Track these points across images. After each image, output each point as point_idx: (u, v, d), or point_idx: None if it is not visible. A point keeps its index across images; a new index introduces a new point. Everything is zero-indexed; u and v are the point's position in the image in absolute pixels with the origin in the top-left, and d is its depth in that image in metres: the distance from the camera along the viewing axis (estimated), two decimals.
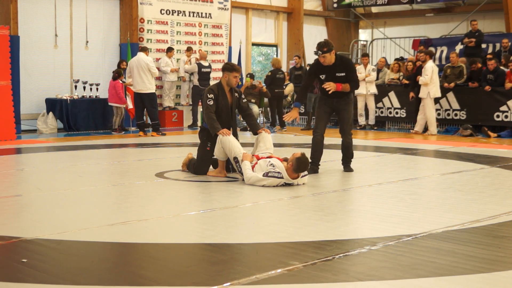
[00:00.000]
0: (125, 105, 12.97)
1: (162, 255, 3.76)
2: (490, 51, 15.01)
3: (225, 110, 6.94)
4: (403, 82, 14.03)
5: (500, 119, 12.87)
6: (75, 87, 13.38)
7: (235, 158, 6.50)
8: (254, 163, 6.35)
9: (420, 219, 4.72)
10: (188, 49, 14.47)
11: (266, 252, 3.82)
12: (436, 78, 12.67)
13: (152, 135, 12.24)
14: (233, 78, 6.92)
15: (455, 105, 13.50)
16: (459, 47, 15.39)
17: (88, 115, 13.38)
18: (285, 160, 6.29)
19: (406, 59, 15.60)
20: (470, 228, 4.47)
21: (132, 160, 8.55)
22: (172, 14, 14.68)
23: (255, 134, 6.95)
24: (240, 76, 10.62)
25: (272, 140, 6.86)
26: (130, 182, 6.48)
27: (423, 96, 12.72)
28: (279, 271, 3.37)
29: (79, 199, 5.57)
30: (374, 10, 20.11)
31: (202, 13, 15.19)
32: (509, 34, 15.55)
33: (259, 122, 12.74)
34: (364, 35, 21.20)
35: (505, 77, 12.76)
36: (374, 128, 14.22)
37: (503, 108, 12.78)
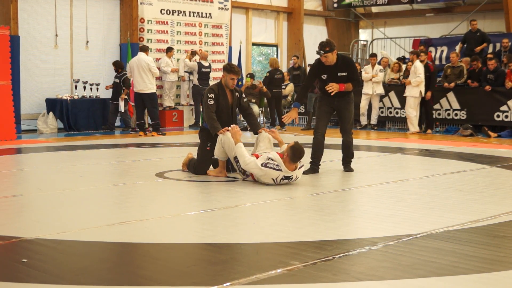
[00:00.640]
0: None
1: (162, 255, 3.76)
2: (490, 51, 15.01)
3: (225, 110, 6.94)
4: (403, 82, 14.02)
5: (500, 119, 12.87)
6: (75, 87, 13.39)
7: (236, 158, 6.50)
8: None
9: (420, 219, 4.72)
10: (193, 53, 14.44)
11: (266, 252, 3.82)
12: (423, 78, 12.87)
13: (153, 135, 12.26)
14: (229, 79, 6.91)
15: (455, 105, 13.50)
16: (459, 47, 15.38)
17: (88, 115, 13.40)
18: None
19: (408, 59, 15.62)
20: (470, 228, 4.47)
21: (132, 160, 8.55)
22: (172, 14, 14.68)
23: (256, 133, 6.95)
24: (240, 77, 10.63)
25: (272, 140, 6.86)
26: (130, 182, 6.48)
27: (415, 95, 12.88)
28: (279, 271, 3.37)
29: (79, 199, 5.57)
30: (374, 10, 20.10)
31: (202, 13, 15.19)
32: (509, 34, 15.54)
33: (259, 122, 12.74)
34: (364, 35, 21.19)
35: (505, 77, 12.76)
36: (375, 128, 14.21)
37: (503, 108, 12.77)
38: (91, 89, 13.56)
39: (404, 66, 14.73)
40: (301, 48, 18.43)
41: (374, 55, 14.49)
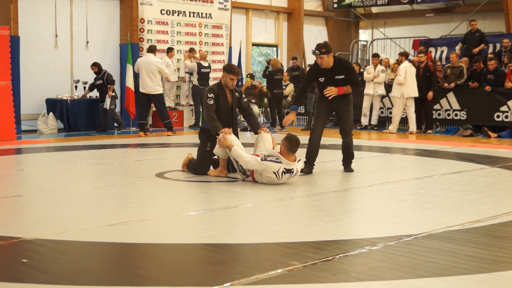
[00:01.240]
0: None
1: (162, 255, 3.76)
2: (490, 51, 15.02)
3: (225, 110, 6.94)
4: (389, 82, 14.03)
5: (500, 119, 12.87)
6: (75, 87, 13.39)
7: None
8: None
9: (420, 219, 4.72)
10: (191, 50, 14.45)
11: (266, 252, 3.82)
12: (410, 79, 12.85)
13: (168, 135, 12.34)
14: (229, 80, 6.91)
15: (455, 105, 13.50)
16: (459, 47, 15.38)
17: (88, 116, 13.39)
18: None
19: (409, 60, 15.61)
20: (470, 228, 4.47)
21: (132, 160, 8.55)
22: (172, 15, 14.67)
23: (256, 133, 6.95)
24: (240, 77, 10.63)
25: (272, 140, 6.85)
26: (130, 182, 6.48)
27: (396, 95, 13.04)
28: (279, 271, 3.37)
29: (79, 199, 5.57)
30: (374, 10, 20.11)
31: (202, 13, 15.19)
32: (509, 34, 15.55)
33: (259, 122, 12.74)
34: (364, 35, 21.20)
35: (505, 77, 12.76)
36: (375, 128, 14.21)
37: (503, 108, 12.78)
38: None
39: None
40: (301, 49, 18.43)
41: (376, 55, 14.46)
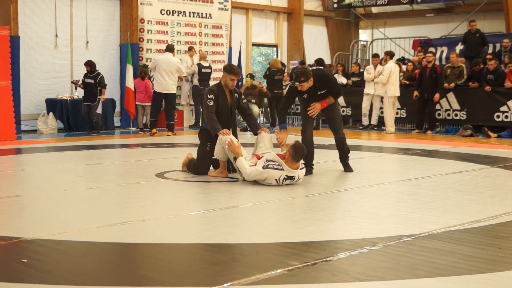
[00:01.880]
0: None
1: (162, 255, 3.76)
2: (490, 51, 15.02)
3: (225, 111, 6.94)
4: (402, 82, 14.02)
5: (500, 119, 12.87)
6: (75, 87, 13.38)
7: (236, 158, 6.50)
8: (254, 164, 6.34)
9: (420, 219, 4.72)
10: (190, 48, 14.46)
11: (266, 252, 3.82)
12: (395, 78, 13.14)
13: (168, 135, 12.38)
14: (229, 80, 6.91)
15: (455, 105, 13.50)
16: (459, 47, 15.38)
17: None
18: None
19: (409, 60, 15.61)
20: (470, 228, 4.47)
21: (132, 160, 8.55)
22: (172, 15, 14.67)
23: (256, 134, 6.95)
24: (240, 77, 10.63)
25: (272, 140, 6.86)
26: (130, 182, 6.48)
27: (381, 94, 13.47)
28: (279, 271, 3.37)
29: (79, 199, 5.57)
30: (374, 10, 20.11)
31: (202, 13, 15.19)
32: (509, 34, 15.55)
33: (259, 122, 12.74)
34: (364, 35, 21.19)
35: (505, 77, 12.76)
36: (374, 128, 14.21)
37: (503, 108, 12.78)
38: None
39: (404, 67, 14.73)
40: (301, 49, 18.43)
41: (376, 55, 14.45)
